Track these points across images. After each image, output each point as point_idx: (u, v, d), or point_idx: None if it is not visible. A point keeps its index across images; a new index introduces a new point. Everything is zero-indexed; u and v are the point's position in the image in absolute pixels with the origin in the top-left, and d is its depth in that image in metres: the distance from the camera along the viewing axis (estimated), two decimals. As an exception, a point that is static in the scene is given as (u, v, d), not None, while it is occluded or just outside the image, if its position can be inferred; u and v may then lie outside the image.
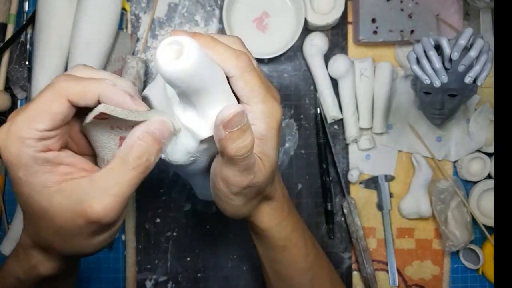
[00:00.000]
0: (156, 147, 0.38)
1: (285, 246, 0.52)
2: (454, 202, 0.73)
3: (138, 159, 0.37)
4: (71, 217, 0.37)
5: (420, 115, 0.75)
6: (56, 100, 0.37)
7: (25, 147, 0.36)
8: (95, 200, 0.36)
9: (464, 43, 0.57)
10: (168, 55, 0.35)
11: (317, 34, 0.74)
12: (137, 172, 0.37)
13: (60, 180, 0.37)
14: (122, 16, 0.74)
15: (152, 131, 0.38)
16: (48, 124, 0.37)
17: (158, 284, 0.76)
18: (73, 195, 0.37)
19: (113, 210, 0.37)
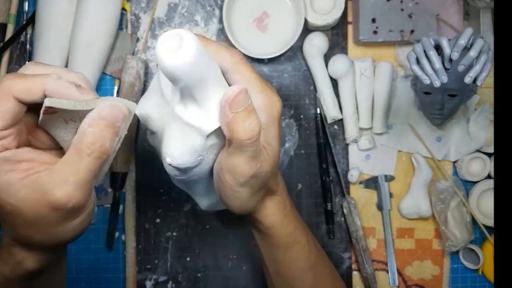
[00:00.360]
0: (110, 131, 0.39)
1: (289, 243, 0.52)
2: (454, 202, 0.73)
3: (92, 145, 0.38)
4: (38, 208, 0.38)
5: (420, 115, 0.75)
6: (3, 99, 0.37)
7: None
8: (56, 188, 0.37)
9: (464, 43, 0.57)
10: (168, 48, 0.36)
11: (317, 34, 0.74)
12: (93, 158, 0.38)
13: (22, 176, 0.38)
14: (122, 16, 0.74)
15: (103, 116, 0.38)
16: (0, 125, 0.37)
17: (158, 284, 0.76)
18: (37, 188, 0.38)
19: (75, 195, 0.38)
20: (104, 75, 0.75)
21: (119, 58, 0.74)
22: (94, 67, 0.70)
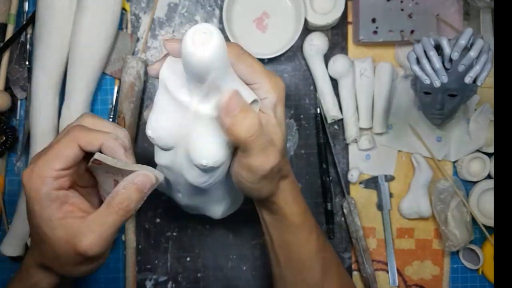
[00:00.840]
0: (138, 196, 0.46)
1: (300, 224, 0.55)
2: (454, 202, 0.73)
3: (120, 204, 0.45)
4: (66, 248, 0.45)
5: (420, 115, 0.75)
6: (70, 146, 0.46)
7: (44, 184, 0.45)
8: (83, 237, 0.45)
9: (464, 43, 0.57)
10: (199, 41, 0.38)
11: (317, 34, 0.74)
12: (119, 215, 0.45)
13: (62, 216, 0.45)
14: (122, 16, 0.74)
15: (135, 182, 0.46)
16: (63, 164, 0.45)
17: (158, 284, 0.76)
18: (70, 231, 0.45)
19: (96, 245, 0.45)
20: (104, 75, 0.75)
21: (119, 58, 0.74)
22: (94, 67, 0.70)
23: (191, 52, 0.38)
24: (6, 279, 0.76)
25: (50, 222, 0.45)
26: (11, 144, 0.73)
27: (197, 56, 0.38)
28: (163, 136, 0.46)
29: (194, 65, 0.39)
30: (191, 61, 0.39)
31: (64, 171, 0.45)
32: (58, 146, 0.46)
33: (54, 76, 0.70)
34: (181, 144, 0.46)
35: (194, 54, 0.38)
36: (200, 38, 0.38)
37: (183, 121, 0.44)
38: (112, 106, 0.75)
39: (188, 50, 0.38)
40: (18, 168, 0.76)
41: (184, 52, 0.39)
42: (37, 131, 0.70)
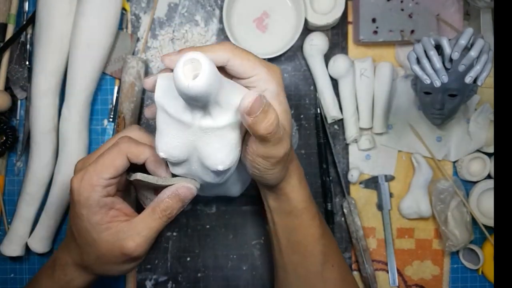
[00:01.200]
0: (179, 205, 0.51)
1: (304, 209, 0.57)
2: (454, 202, 0.73)
3: (164, 211, 0.50)
4: (111, 249, 0.49)
5: (420, 115, 0.75)
6: (119, 157, 0.49)
7: (94, 192, 0.48)
8: (130, 239, 0.49)
9: (465, 43, 0.57)
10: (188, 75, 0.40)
11: (317, 34, 0.74)
12: (162, 221, 0.51)
13: (109, 220, 0.50)
14: (122, 16, 0.74)
15: (178, 193, 0.51)
16: (112, 174, 0.49)
17: (158, 284, 0.76)
18: (116, 233, 0.49)
19: (141, 247, 0.50)
20: (104, 75, 0.75)
21: (119, 58, 0.74)
22: (94, 67, 0.70)
23: (185, 86, 0.39)
24: (6, 279, 0.76)
25: (98, 226, 0.49)
26: (11, 144, 0.73)
27: (192, 89, 0.39)
28: (175, 154, 0.47)
29: (190, 96, 0.40)
30: (187, 93, 0.40)
31: (112, 179, 0.49)
32: (108, 156, 0.49)
33: (54, 76, 0.70)
34: (193, 155, 0.48)
35: (188, 87, 0.39)
36: (189, 69, 0.40)
37: (189, 136, 0.46)
38: (112, 106, 0.75)
39: (182, 85, 0.39)
40: (18, 168, 0.76)
41: (178, 86, 0.40)
42: (37, 131, 0.70)
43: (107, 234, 0.49)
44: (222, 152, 0.46)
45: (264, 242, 0.76)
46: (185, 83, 0.39)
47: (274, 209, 0.58)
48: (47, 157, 0.71)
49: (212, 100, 0.42)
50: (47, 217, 0.72)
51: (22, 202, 0.71)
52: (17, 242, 0.72)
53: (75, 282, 0.54)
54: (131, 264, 0.52)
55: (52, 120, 0.71)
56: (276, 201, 0.58)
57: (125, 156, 0.50)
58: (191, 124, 0.45)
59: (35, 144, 0.70)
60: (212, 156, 0.47)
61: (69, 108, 0.70)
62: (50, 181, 0.72)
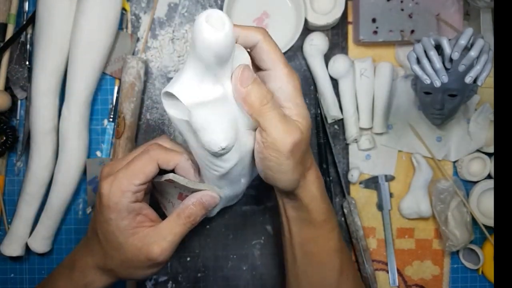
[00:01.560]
0: (203, 212, 0.52)
1: (324, 220, 0.57)
2: (454, 202, 0.73)
3: (188, 217, 0.51)
4: (137, 254, 0.50)
5: (420, 115, 0.75)
6: (150, 164, 0.50)
7: (124, 197, 0.49)
8: (156, 244, 0.50)
9: (465, 43, 0.57)
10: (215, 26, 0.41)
11: (317, 34, 0.74)
12: (186, 227, 0.52)
13: (136, 226, 0.51)
14: (122, 16, 0.74)
15: (203, 201, 0.52)
16: (143, 180, 0.50)
17: (158, 284, 0.76)
18: (142, 238, 0.50)
19: (166, 251, 0.50)
20: (104, 75, 0.75)
21: (119, 58, 0.74)
22: (94, 67, 0.70)
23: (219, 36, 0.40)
24: (6, 279, 0.76)
25: (125, 231, 0.50)
26: (11, 144, 0.73)
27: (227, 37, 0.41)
28: (234, 136, 0.47)
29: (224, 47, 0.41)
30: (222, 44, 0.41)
31: (142, 186, 0.50)
32: (139, 162, 0.50)
33: (54, 76, 0.70)
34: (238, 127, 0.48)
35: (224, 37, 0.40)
36: (216, 22, 0.41)
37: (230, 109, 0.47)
38: (112, 106, 0.75)
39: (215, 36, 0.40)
40: (18, 168, 0.76)
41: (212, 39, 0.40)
42: (37, 131, 0.70)
43: (134, 239, 0.50)
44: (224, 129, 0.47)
45: (264, 242, 0.76)
46: (220, 34, 0.40)
47: (292, 219, 0.57)
48: (47, 157, 0.71)
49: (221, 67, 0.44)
50: (47, 217, 0.72)
51: (22, 202, 0.71)
52: (17, 242, 0.72)
53: (94, 284, 0.55)
54: (155, 268, 0.53)
55: (52, 120, 0.71)
56: (295, 211, 0.57)
57: (156, 163, 0.50)
58: (225, 93, 0.46)
59: (35, 144, 0.70)
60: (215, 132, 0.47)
61: (69, 108, 0.70)
62: (50, 181, 0.72)
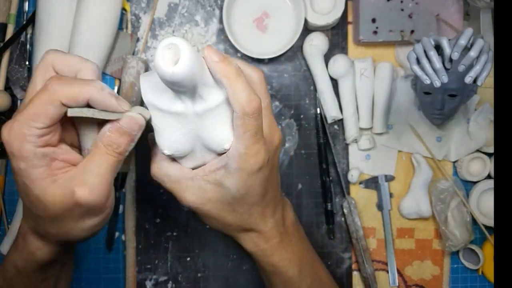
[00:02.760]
0: (125, 139, 0.44)
1: (272, 272, 0.55)
2: (454, 202, 0.73)
3: (108, 146, 0.43)
4: (62, 202, 0.42)
5: (420, 115, 0.75)
6: (51, 103, 0.41)
7: (26, 142, 0.41)
8: (80, 183, 0.42)
9: (464, 43, 0.57)
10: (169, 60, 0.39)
11: (317, 34, 0.74)
12: (111, 156, 0.44)
13: (53, 173, 0.43)
14: (122, 16, 0.74)
15: (120, 126, 0.44)
16: (46, 123, 0.41)
17: (158, 284, 0.76)
18: (63, 184, 0.42)
19: (96, 189, 0.42)
20: (104, 75, 0.75)
21: (119, 58, 0.74)
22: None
23: (169, 73, 0.39)
24: (6, 279, 0.76)
25: (40, 180, 0.42)
26: (11, 144, 0.73)
27: (177, 74, 0.39)
28: (179, 147, 0.47)
29: (177, 82, 0.40)
30: (173, 80, 0.39)
31: (47, 128, 0.42)
32: (37, 102, 0.41)
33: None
34: (197, 144, 0.47)
35: (173, 74, 0.39)
36: (169, 55, 0.39)
37: (188, 126, 0.46)
38: (112, 106, 0.75)
39: (165, 72, 0.39)
40: (18, 168, 0.76)
41: (162, 75, 0.39)
42: (37, 131, 0.70)
43: (54, 188, 0.42)
44: (224, 130, 0.46)
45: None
46: (169, 70, 0.39)
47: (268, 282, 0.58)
48: (47, 157, 0.71)
49: (199, 82, 0.42)
50: (47, 217, 0.72)
51: (21, 202, 0.71)
52: (17, 242, 0.72)
53: (38, 253, 0.47)
54: (93, 217, 0.45)
55: (52, 120, 0.71)
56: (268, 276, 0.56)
57: (59, 102, 0.41)
58: (185, 112, 0.44)
59: (35, 144, 0.70)
60: (216, 138, 0.46)
61: (69, 108, 0.70)
62: (50, 181, 0.72)
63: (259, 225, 0.52)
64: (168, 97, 0.44)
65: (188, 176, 0.49)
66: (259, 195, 0.49)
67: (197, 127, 0.46)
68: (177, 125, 0.46)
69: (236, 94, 0.43)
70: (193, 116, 0.45)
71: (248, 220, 0.51)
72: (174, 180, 0.49)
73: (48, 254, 0.47)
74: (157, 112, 0.45)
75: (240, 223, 0.51)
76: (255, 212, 0.51)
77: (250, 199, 0.49)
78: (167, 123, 0.46)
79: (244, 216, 0.51)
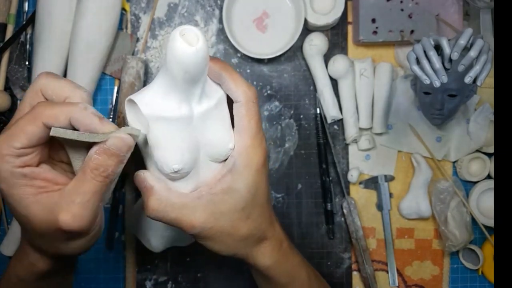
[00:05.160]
0: (114, 161, 0.42)
1: (288, 282, 0.53)
2: (454, 202, 0.73)
3: (95, 170, 0.41)
4: (46, 225, 0.42)
5: (420, 115, 0.75)
6: (31, 123, 0.41)
7: (4, 162, 0.40)
8: (64, 210, 0.41)
9: (464, 43, 0.57)
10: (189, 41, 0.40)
11: (317, 34, 0.74)
12: (98, 182, 0.41)
13: (35, 192, 0.42)
14: (122, 16, 0.74)
15: (107, 147, 0.42)
16: (24, 143, 0.40)
17: (158, 284, 0.76)
18: (47, 206, 0.41)
19: (80, 217, 0.41)
20: (104, 75, 0.75)
21: (119, 58, 0.74)
22: (94, 67, 0.70)
23: (192, 51, 0.39)
24: (6, 279, 0.76)
25: (22, 200, 0.41)
26: (11, 144, 0.73)
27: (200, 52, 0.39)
28: (189, 161, 0.45)
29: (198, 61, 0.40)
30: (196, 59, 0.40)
31: (27, 149, 0.41)
32: (20, 123, 0.41)
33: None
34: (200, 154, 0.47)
35: (197, 51, 0.39)
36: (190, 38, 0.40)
37: (193, 132, 0.45)
38: (112, 106, 0.75)
39: (187, 52, 0.39)
40: (18, 168, 0.76)
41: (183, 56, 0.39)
42: (37, 131, 0.70)
43: (36, 209, 0.41)
44: (226, 131, 0.46)
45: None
46: (192, 48, 0.39)
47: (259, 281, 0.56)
48: (47, 157, 0.71)
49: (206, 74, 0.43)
50: (47, 217, 0.72)
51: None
52: (17, 242, 0.71)
53: (38, 264, 0.47)
54: (78, 241, 0.44)
55: (52, 120, 0.71)
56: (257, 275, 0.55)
57: (40, 121, 0.40)
58: (191, 115, 0.44)
59: (35, 144, 0.70)
60: (220, 138, 0.46)
61: (69, 108, 0.70)
62: (50, 181, 0.72)
63: (270, 231, 0.51)
64: (172, 102, 0.43)
65: (194, 196, 0.47)
66: (265, 194, 0.49)
67: (201, 132, 0.45)
68: (182, 134, 0.44)
69: (237, 81, 0.45)
70: (198, 119, 0.45)
71: (261, 226, 0.50)
72: (180, 207, 0.46)
73: (47, 265, 0.47)
74: (161, 123, 0.44)
75: (255, 232, 0.50)
76: (265, 216, 0.50)
77: (259, 199, 0.48)
78: (173, 134, 0.44)
79: (257, 222, 0.49)
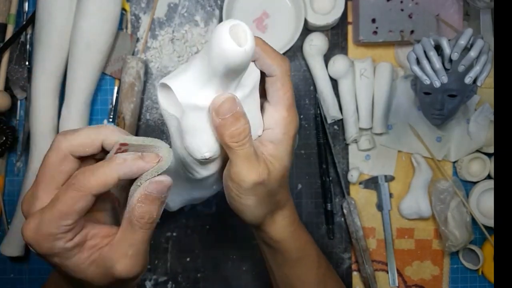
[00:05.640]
0: (156, 205, 0.42)
1: (299, 257, 0.54)
2: (454, 202, 0.73)
3: (141, 219, 0.41)
4: (103, 279, 0.43)
5: (420, 115, 0.75)
6: (81, 199, 0.40)
7: (56, 240, 0.40)
8: (118, 264, 0.42)
9: (464, 43, 0.57)
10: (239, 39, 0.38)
11: (317, 34, 0.74)
12: (144, 230, 0.42)
13: (88, 255, 0.42)
14: (122, 16, 0.74)
15: (150, 193, 0.41)
16: (76, 219, 0.40)
17: (158, 284, 0.76)
18: (102, 264, 0.42)
19: (134, 266, 0.43)
20: (104, 75, 0.75)
21: (119, 58, 0.74)
22: (94, 67, 0.70)
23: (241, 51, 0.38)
24: (6, 279, 0.76)
25: (77, 268, 0.42)
26: (11, 144, 0.73)
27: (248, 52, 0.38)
28: (219, 147, 0.45)
29: (246, 61, 0.39)
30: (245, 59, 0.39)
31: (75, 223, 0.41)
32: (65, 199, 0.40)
33: (54, 77, 0.70)
34: None
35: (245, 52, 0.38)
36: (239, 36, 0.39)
37: None
38: (112, 106, 0.75)
39: (237, 52, 0.38)
40: (18, 168, 0.76)
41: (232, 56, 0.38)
42: (37, 131, 0.70)
43: (93, 271, 0.42)
44: (257, 118, 0.45)
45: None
46: (241, 49, 0.38)
47: (267, 256, 0.56)
48: (47, 157, 0.71)
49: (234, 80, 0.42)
50: (47, 217, 0.72)
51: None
52: (17, 242, 0.71)
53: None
54: (134, 281, 0.46)
55: (52, 120, 0.71)
56: (268, 249, 0.54)
57: (89, 195, 0.40)
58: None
59: (35, 144, 0.70)
60: (255, 123, 0.45)
61: (69, 108, 0.70)
62: (50, 181, 0.72)
63: (289, 200, 0.52)
64: (210, 92, 0.42)
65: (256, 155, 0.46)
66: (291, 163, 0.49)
67: None
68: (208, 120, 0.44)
69: (271, 55, 0.44)
70: None
71: (286, 192, 0.51)
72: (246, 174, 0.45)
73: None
74: (196, 112, 0.43)
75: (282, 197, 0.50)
76: (287, 184, 0.51)
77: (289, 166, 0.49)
78: (206, 123, 0.43)
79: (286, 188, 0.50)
